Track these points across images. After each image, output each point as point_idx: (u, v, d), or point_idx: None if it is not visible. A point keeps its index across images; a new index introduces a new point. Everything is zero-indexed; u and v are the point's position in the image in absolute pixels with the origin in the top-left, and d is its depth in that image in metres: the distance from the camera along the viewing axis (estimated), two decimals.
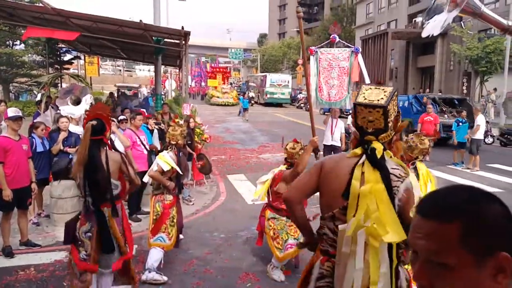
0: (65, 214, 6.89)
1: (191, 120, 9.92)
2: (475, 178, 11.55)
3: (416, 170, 4.49)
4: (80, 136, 6.43)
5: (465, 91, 32.01)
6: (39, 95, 18.52)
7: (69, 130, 7.54)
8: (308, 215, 5.81)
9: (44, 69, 22.20)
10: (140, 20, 11.41)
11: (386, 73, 35.21)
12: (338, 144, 11.71)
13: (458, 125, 13.19)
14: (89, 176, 4.16)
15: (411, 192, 2.56)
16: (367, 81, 10.70)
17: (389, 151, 2.66)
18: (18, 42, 24.20)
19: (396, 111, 2.66)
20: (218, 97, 43.72)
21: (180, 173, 5.76)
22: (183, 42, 12.61)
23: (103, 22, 11.69)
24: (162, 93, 23.11)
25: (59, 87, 18.02)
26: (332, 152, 11.74)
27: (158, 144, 9.11)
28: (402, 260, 2.59)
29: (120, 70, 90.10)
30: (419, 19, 36.03)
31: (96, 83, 43.11)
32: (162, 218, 5.42)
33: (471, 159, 12.72)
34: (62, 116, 7.80)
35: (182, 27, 11.86)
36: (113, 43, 15.74)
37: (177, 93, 21.96)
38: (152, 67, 35.13)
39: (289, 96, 43.82)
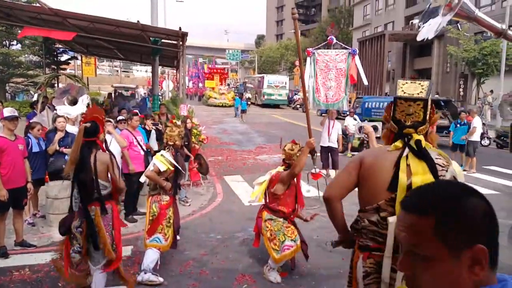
0: (61, 215, 6.81)
1: (188, 121, 9.91)
2: (471, 180, 11.53)
3: None
4: None
5: (461, 93, 32.08)
6: (35, 96, 18.47)
7: (66, 130, 7.53)
8: (306, 216, 5.85)
9: (41, 70, 22.15)
10: (138, 21, 11.40)
11: (383, 74, 35.32)
12: (335, 145, 11.67)
13: (456, 127, 13.20)
14: (77, 176, 4.38)
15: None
16: (365, 82, 10.72)
17: (428, 143, 2.71)
18: (14, 42, 24.16)
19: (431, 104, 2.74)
20: (215, 98, 43.73)
21: (182, 171, 5.80)
22: (181, 43, 12.59)
23: (100, 22, 11.66)
24: (159, 93, 23.12)
25: (56, 88, 17.97)
26: (329, 154, 11.73)
27: (155, 144, 9.10)
28: None
29: (117, 70, 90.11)
30: (415, 21, 36.14)
31: (93, 84, 43.14)
32: (159, 218, 5.40)
33: (467, 161, 12.77)
34: (59, 116, 7.78)
35: (180, 27, 11.86)
36: (110, 43, 15.72)
37: (174, 94, 21.90)
38: (149, 68, 35.09)
39: (286, 98, 43.87)
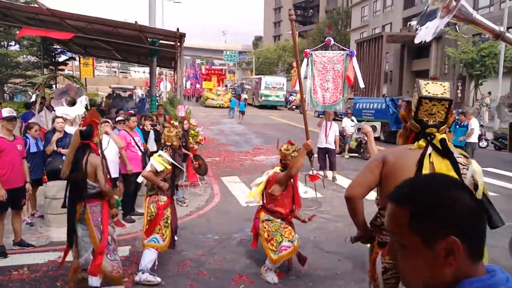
0: (59, 215, 6.89)
1: (185, 121, 9.92)
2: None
3: None
4: None
5: (459, 95, 32.14)
6: (33, 96, 18.44)
7: (64, 131, 7.55)
8: (303, 217, 5.87)
9: (39, 70, 22.11)
10: (135, 22, 11.41)
11: (380, 76, 35.34)
12: (332, 146, 11.66)
13: (456, 127, 13.22)
14: (70, 176, 4.75)
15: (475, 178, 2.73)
16: (361, 85, 10.77)
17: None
18: (13, 42, 24.11)
19: None
20: (213, 99, 43.73)
21: (181, 168, 5.84)
22: (178, 43, 12.59)
23: (98, 23, 11.66)
24: (157, 94, 23.11)
25: (54, 88, 17.98)
26: (326, 155, 11.73)
27: (154, 145, 9.11)
28: None
29: (115, 71, 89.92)
30: (413, 22, 36.21)
31: (91, 85, 43.07)
32: (156, 219, 5.42)
33: None
34: (58, 116, 7.80)
35: (177, 28, 11.86)
36: (108, 44, 15.72)
37: (171, 95, 21.90)
38: (147, 69, 35.05)
39: (283, 99, 43.88)
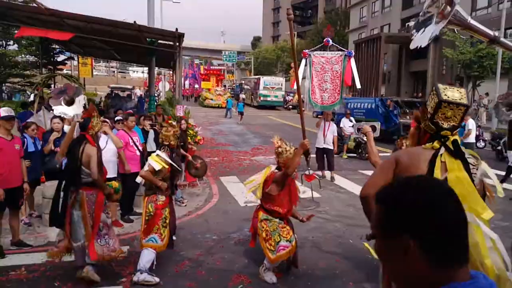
0: None
1: (183, 121, 9.89)
2: None
3: None
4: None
5: None
6: (32, 96, 18.39)
7: (63, 131, 7.54)
8: (302, 216, 5.88)
9: (37, 70, 22.07)
10: (134, 21, 11.40)
11: (378, 77, 35.35)
12: (330, 147, 11.68)
13: None
14: (66, 162, 5.29)
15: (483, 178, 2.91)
16: (358, 85, 10.78)
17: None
18: (11, 42, 24.06)
19: None
20: (211, 99, 43.71)
21: (178, 169, 5.84)
22: (177, 43, 12.59)
23: (97, 23, 11.65)
24: (156, 94, 23.07)
25: (52, 88, 17.92)
26: (325, 155, 11.75)
27: (154, 145, 9.10)
28: None
29: (114, 71, 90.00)
30: (412, 23, 36.21)
31: (89, 84, 43.00)
32: (154, 219, 5.42)
33: None
34: (56, 116, 7.80)
35: (176, 28, 11.86)
36: (107, 44, 15.70)
37: (169, 95, 21.86)
38: (145, 69, 35.05)
39: (282, 99, 43.87)
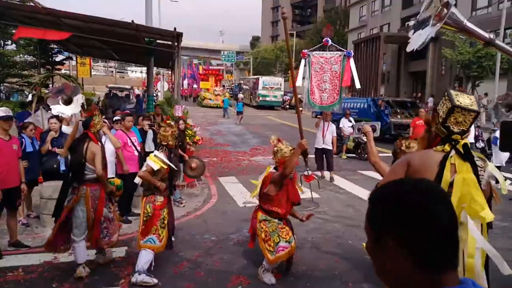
0: None
1: (181, 121, 9.82)
2: None
3: None
4: None
5: None
6: (30, 96, 18.35)
7: (61, 131, 7.51)
8: (301, 216, 5.86)
9: (36, 70, 22.00)
10: (132, 21, 11.35)
11: (378, 77, 35.39)
12: (329, 147, 11.67)
13: None
14: (70, 158, 5.63)
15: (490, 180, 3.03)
16: (357, 86, 10.74)
17: None
18: (9, 42, 23.99)
19: None
20: (210, 99, 43.66)
21: (175, 169, 5.84)
22: (176, 43, 12.54)
23: (95, 22, 11.60)
24: (154, 94, 23.04)
25: (50, 88, 17.86)
26: (324, 155, 11.73)
27: (152, 145, 9.06)
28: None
29: (112, 71, 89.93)
30: (411, 23, 36.19)
31: (88, 84, 42.98)
32: (153, 219, 5.38)
33: None
34: (53, 116, 7.76)
35: (175, 28, 11.82)
36: (105, 43, 15.65)
37: (168, 95, 21.81)
38: (144, 69, 34.98)
39: (281, 99, 43.83)
